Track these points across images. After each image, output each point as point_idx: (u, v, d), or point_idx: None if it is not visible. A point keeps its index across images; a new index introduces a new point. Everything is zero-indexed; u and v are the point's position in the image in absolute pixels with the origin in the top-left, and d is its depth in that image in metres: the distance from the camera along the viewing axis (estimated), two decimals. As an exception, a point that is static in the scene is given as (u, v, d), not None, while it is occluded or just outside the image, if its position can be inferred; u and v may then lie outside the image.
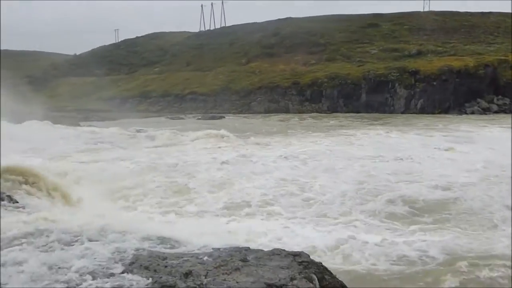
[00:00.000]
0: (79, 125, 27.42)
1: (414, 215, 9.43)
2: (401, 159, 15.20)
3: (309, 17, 62.51)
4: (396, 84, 41.27)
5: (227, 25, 78.52)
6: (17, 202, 6.41)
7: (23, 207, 6.03)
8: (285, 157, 15.78)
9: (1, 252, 4.38)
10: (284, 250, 4.77)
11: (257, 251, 4.73)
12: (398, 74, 41.62)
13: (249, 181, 12.16)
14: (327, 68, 46.65)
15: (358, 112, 40.63)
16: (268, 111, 44.37)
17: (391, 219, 9.16)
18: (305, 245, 7.26)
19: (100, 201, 9.14)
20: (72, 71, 70.00)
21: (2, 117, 22.42)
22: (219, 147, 18.36)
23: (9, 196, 6.19)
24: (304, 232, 8.12)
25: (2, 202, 6.11)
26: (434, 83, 39.94)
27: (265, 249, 4.84)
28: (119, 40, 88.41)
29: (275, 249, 4.85)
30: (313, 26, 57.05)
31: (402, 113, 39.25)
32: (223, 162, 14.67)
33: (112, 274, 3.94)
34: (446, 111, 38.55)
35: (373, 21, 55.94)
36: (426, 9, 63.74)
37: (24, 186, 6.77)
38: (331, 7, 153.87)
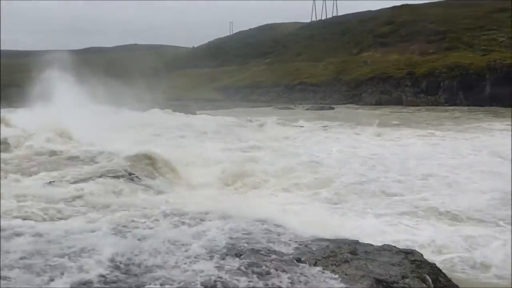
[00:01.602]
0: (195, 113, 29.10)
1: None
2: None
3: (428, 3, 58.79)
4: (528, 75, 37.07)
5: (339, 14, 77.20)
6: (144, 181, 7.09)
7: (152, 188, 6.70)
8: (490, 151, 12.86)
9: (130, 224, 4.90)
10: (395, 246, 4.65)
11: (366, 245, 4.67)
12: (531, 63, 37.33)
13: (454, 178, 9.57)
14: (447, 57, 43.48)
15: (480, 105, 37.16)
16: (379, 103, 42.85)
17: None
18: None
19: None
20: (190, 63, 74.43)
21: (128, 106, 24.68)
22: (391, 138, 16.85)
23: (139, 177, 6.89)
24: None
25: (133, 182, 6.78)
26: None
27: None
28: (233, 33, 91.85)
29: (385, 244, 4.75)
30: (433, 12, 53.54)
31: (534, 107, 35.09)
32: (420, 156, 12.36)
33: (225, 256, 4.17)
34: None
35: (504, 6, 50.60)
36: None
37: (156, 171, 7.45)
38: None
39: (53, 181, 6.69)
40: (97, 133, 11.87)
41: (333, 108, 38.85)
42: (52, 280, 3.38)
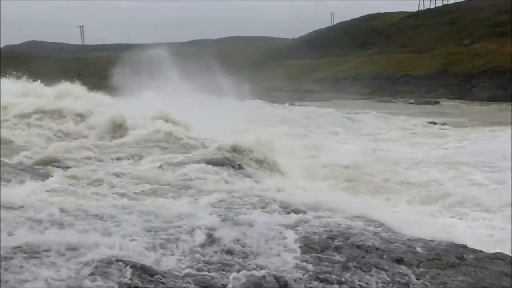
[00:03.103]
0: (294, 105, 29.23)
1: None
2: None
3: (557, -13, 52.44)
4: None
5: (449, 2, 72.15)
6: (243, 169, 7.34)
7: (250, 176, 6.91)
8: None
9: (231, 211, 5.08)
10: (509, 256, 4.29)
11: (476, 252, 4.37)
12: None
13: None
14: None
15: None
16: (491, 99, 39.11)
17: None
18: None
19: None
20: (290, 54, 74.64)
21: (229, 95, 25.46)
22: None
23: (239, 165, 7.16)
24: None
25: (233, 170, 7.04)
26: None
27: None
28: (334, 23, 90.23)
29: (497, 252, 4.40)
30: (562, -2, 47.79)
31: None
32: None
33: (323, 249, 4.15)
34: None
35: None
36: None
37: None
38: None
39: (162, 165, 7.17)
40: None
41: (438, 103, 36.53)
42: (163, 255, 3.64)
